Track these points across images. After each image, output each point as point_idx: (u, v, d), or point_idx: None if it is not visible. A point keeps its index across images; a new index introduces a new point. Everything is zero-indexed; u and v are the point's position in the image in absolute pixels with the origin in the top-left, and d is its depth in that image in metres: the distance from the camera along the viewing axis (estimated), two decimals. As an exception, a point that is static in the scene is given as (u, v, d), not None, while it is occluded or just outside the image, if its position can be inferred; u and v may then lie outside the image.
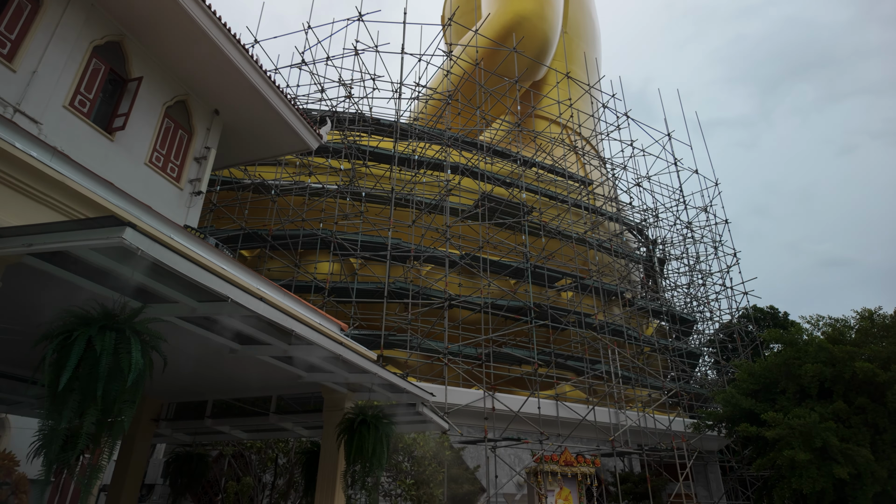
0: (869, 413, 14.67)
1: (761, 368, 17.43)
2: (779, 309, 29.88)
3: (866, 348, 15.43)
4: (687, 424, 19.46)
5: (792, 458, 14.21)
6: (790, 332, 17.70)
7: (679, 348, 22.65)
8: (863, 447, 14.08)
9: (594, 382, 19.37)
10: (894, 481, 14.04)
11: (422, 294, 17.48)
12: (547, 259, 20.99)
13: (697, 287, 25.02)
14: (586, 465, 14.82)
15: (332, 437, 6.62)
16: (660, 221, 25.94)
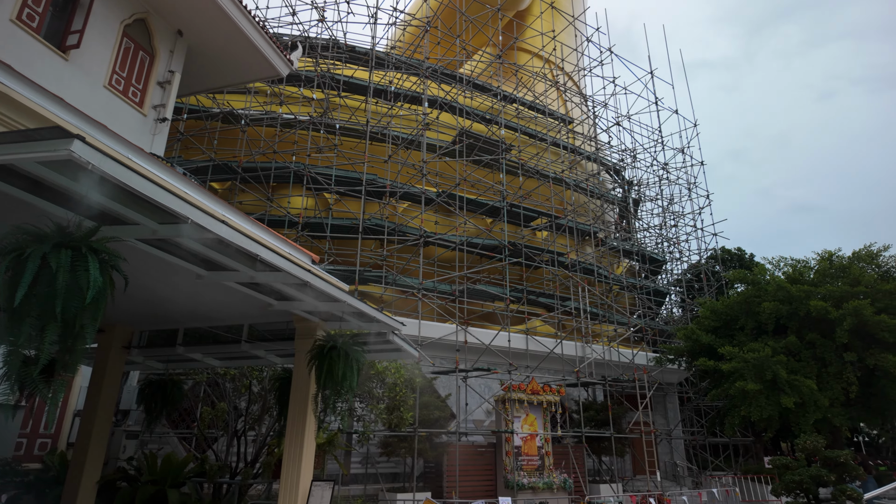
0: (818, 347, 15.60)
1: (723, 306, 18.22)
2: (746, 251, 30.87)
3: (822, 288, 16.18)
4: (649, 358, 20.43)
5: (744, 388, 15.17)
6: (753, 273, 18.40)
7: (647, 287, 23.38)
8: (809, 379, 15.08)
9: (563, 318, 20.00)
10: (834, 409, 15.17)
11: (397, 231, 17.46)
12: (523, 198, 21.03)
13: (669, 228, 25.53)
14: (552, 393, 15.59)
15: (304, 363, 6.76)
16: (637, 162, 26.02)
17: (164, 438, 13.71)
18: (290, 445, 6.79)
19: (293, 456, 6.73)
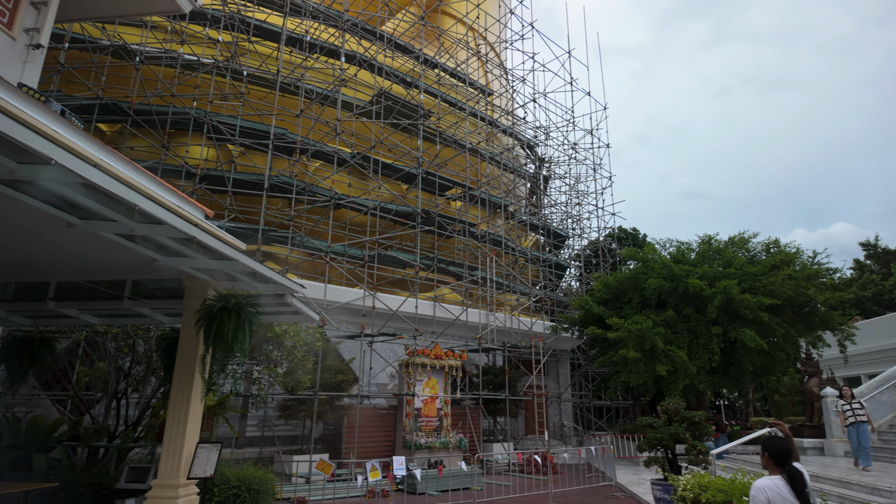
0: (692, 321, 17.34)
1: (615, 281, 19.63)
2: (640, 231, 33.31)
3: (700, 268, 17.90)
4: (546, 327, 21.65)
5: (626, 356, 16.58)
6: (644, 252, 19.93)
7: (550, 260, 24.59)
8: (681, 349, 16.78)
9: (470, 287, 20.58)
10: (700, 376, 17.03)
11: (307, 191, 16.87)
12: (440, 167, 21.08)
13: (574, 206, 26.85)
14: (454, 358, 16.12)
15: (192, 322, 6.44)
16: (549, 140, 26.90)
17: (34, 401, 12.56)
18: (174, 407, 6.50)
19: (178, 418, 6.46)
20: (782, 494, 3.11)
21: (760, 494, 3.20)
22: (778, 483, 3.18)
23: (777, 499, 3.11)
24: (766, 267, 17.47)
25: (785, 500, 3.10)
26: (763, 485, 3.23)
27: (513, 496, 11.98)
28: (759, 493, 3.21)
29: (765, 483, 3.24)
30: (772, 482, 3.22)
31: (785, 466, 3.23)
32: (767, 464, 3.38)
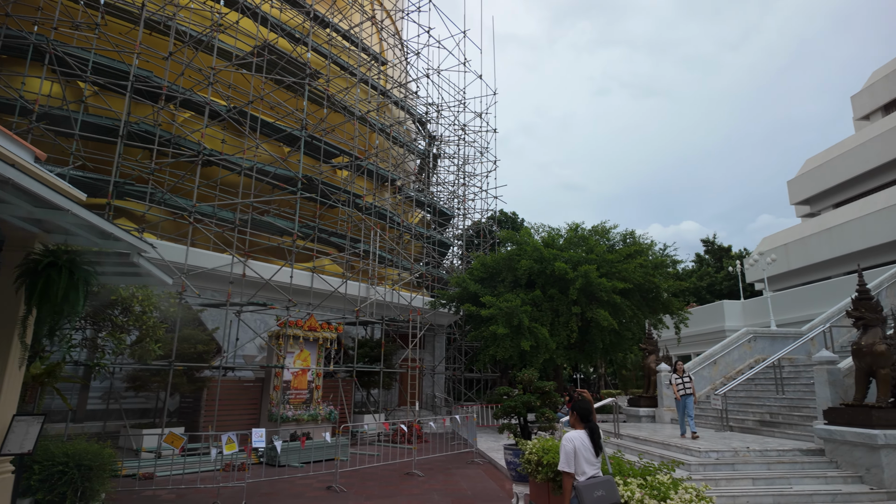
0: (555, 301, 18.70)
1: (492, 261, 20.50)
2: (518, 215, 35.07)
3: (566, 253, 19.29)
4: (425, 302, 22.09)
5: (496, 332, 17.48)
6: (520, 235, 21.01)
7: (434, 238, 25.00)
8: (544, 326, 18.06)
9: (352, 259, 20.27)
10: (559, 351, 18.50)
11: (173, 143, 15.31)
12: (326, 132, 20.28)
13: (460, 186, 27.45)
14: (329, 331, 15.84)
15: (11, 278, 5.57)
16: (441, 118, 27.07)
17: None
18: (-16, 376, 5.62)
19: (-11, 388, 5.60)
20: (584, 443, 4.07)
21: (569, 443, 4.11)
22: (581, 435, 4.12)
23: (580, 446, 4.04)
24: (622, 255, 19.31)
25: (585, 447, 4.05)
26: (571, 436, 4.14)
27: (377, 464, 12.18)
28: (568, 441, 4.12)
29: (572, 434, 4.16)
30: (577, 434, 4.15)
31: (587, 423, 4.18)
32: (575, 421, 4.29)
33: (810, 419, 10.68)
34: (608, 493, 3.89)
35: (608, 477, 4.03)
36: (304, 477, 10.62)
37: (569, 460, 4.00)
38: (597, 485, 3.87)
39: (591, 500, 3.79)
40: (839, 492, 8.04)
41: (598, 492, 3.85)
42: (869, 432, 8.35)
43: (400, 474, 10.97)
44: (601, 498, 3.83)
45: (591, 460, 4.01)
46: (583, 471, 3.96)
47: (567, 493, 3.97)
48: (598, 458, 4.06)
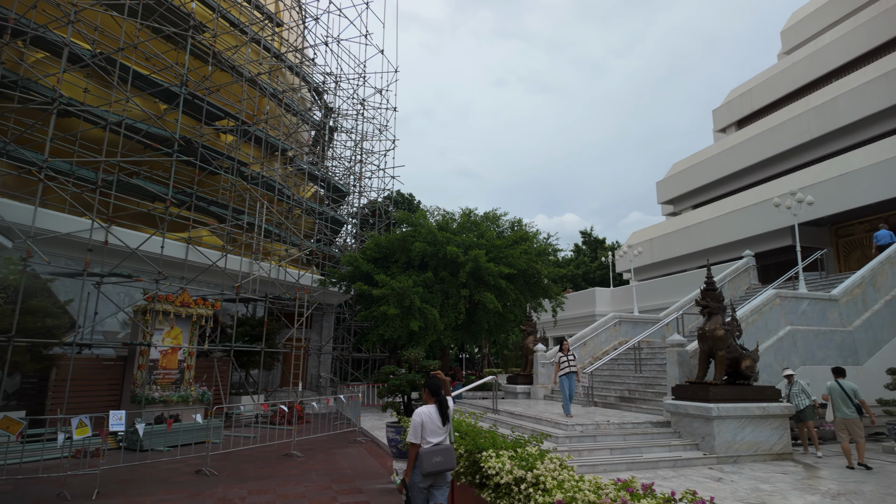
0: (446, 283, 19.10)
1: (386, 241, 20.37)
2: (415, 197, 35.15)
3: (459, 237, 19.73)
4: (315, 280, 21.43)
5: (386, 312, 17.47)
6: (415, 217, 21.07)
7: (327, 214, 24.24)
8: (434, 308, 18.39)
9: (234, 231, 19.03)
10: (447, 332, 18.97)
11: (21, 86, 13.17)
12: (210, 92, 18.67)
13: (357, 163, 26.81)
14: (205, 307, 14.77)
15: None
16: (339, 90, 26.14)
17: None
18: None
19: None
20: (432, 416, 4.50)
21: (417, 417, 4.50)
22: (431, 409, 4.56)
23: (427, 419, 4.47)
24: (509, 242, 20.17)
25: (433, 419, 4.48)
26: (421, 410, 4.56)
27: (254, 446, 11.68)
28: (417, 416, 4.51)
29: (422, 409, 4.58)
30: (427, 408, 4.58)
31: (437, 397, 4.61)
32: (427, 396, 4.70)
33: (662, 395, 12.01)
34: (445, 459, 4.39)
35: (448, 445, 4.50)
36: (171, 461, 9.88)
37: (416, 432, 4.44)
38: (436, 452, 4.36)
39: (429, 465, 4.31)
40: (679, 458, 9.16)
41: (436, 458, 4.34)
42: (706, 405, 9.57)
43: (278, 456, 10.62)
44: (439, 463, 4.34)
45: (437, 431, 4.48)
46: (428, 440, 4.42)
47: (411, 461, 4.40)
48: (445, 428, 4.54)
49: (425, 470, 4.32)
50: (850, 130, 21.43)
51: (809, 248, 20.53)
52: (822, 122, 22.15)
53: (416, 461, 4.39)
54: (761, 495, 6.92)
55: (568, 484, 3.58)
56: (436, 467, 4.33)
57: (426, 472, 4.33)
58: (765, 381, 11.39)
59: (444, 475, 4.52)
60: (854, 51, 23.22)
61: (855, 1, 25.28)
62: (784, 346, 12.21)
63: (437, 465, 4.34)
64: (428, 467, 4.31)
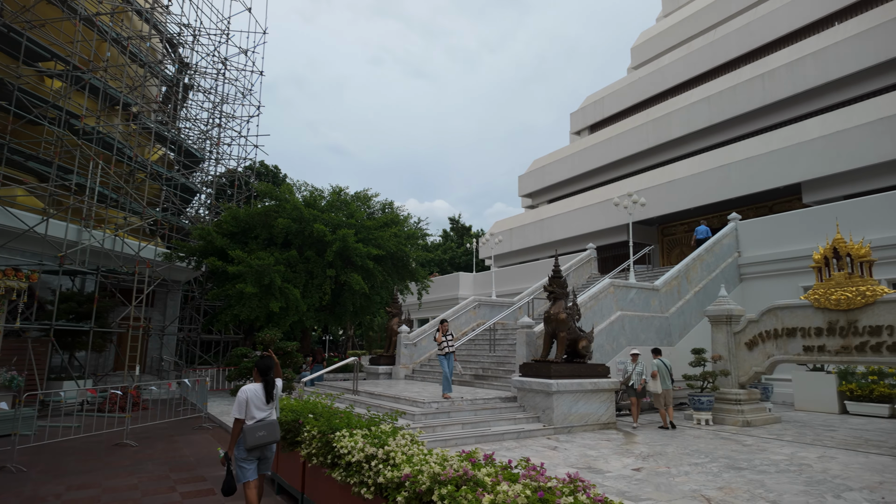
0: (311, 263, 18.48)
1: (245, 215, 19.07)
2: (281, 170, 33.34)
3: (327, 215, 19.15)
4: (159, 253, 19.40)
5: (242, 290, 16.42)
6: (280, 191, 19.98)
7: (177, 181, 21.97)
8: (297, 288, 17.71)
9: (59, 193, 16.44)
10: (309, 313, 18.40)
11: None
12: (33, 26, 15.77)
13: (215, 127, 24.61)
14: (17, 279, 12.60)
15: None
16: (197, 45, 23.67)
17: None
18: None
19: None
20: (257, 394, 4.81)
21: (243, 394, 4.77)
22: (257, 387, 4.86)
23: (252, 396, 4.77)
24: (380, 223, 20.08)
25: (258, 397, 4.80)
26: (247, 388, 4.85)
27: (78, 437, 10.33)
28: (242, 393, 4.78)
29: (248, 387, 4.86)
30: (254, 387, 4.87)
31: (265, 377, 4.89)
32: (256, 375, 4.97)
33: (511, 373, 12.94)
34: (269, 433, 4.73)
35: (272, 420, 4.83)
36: (-39, 460, 8.33)
37: (240, 408, 4.73)
38: (260, 427, 4.70)
39: (253, 439, 4.62)
40: (523, 430, 9.98)
41: (260, 433, 4.67)
42: (547, 381, 10.53)
43: (108, 446, 9.51)
44: (262, 437, 4.67)
45: (262, 408, 4.79)
46: (252, 416, 4.72)
47: (235, 436, 4.68)
48: (270, 406, 4.87)
49: (249, 444, 4.62)
50: (679, 143, 24.75)
51: (641, 244, 23.44)
52: (657, 133, 25.27)
53: (241, 436, 4.68)
54: (588, 460, 7.83)
55: (417, 458, 3.70)
56: (259, 441, 4.66)
57: (250, 447, 4.63)
58: (597, 359, 12.83)
59: (269, 448, 4.87)
60: (687, 73, 26.77)
61: (690, 30, 29.09)
62: (614, 328, 13.85)
63: (261, 438, 4.67)
64: (252, 441, 4.62)
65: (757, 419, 11.10)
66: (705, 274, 16.39)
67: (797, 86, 20.25)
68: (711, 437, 9.65)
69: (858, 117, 17.09)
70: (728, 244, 17.09)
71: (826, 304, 10.16)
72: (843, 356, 9.94)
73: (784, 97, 20.62)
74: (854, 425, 10.94)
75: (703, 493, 5.93)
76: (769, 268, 16.19)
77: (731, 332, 11.84)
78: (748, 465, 7.37)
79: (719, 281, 16.12)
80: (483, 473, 3.15)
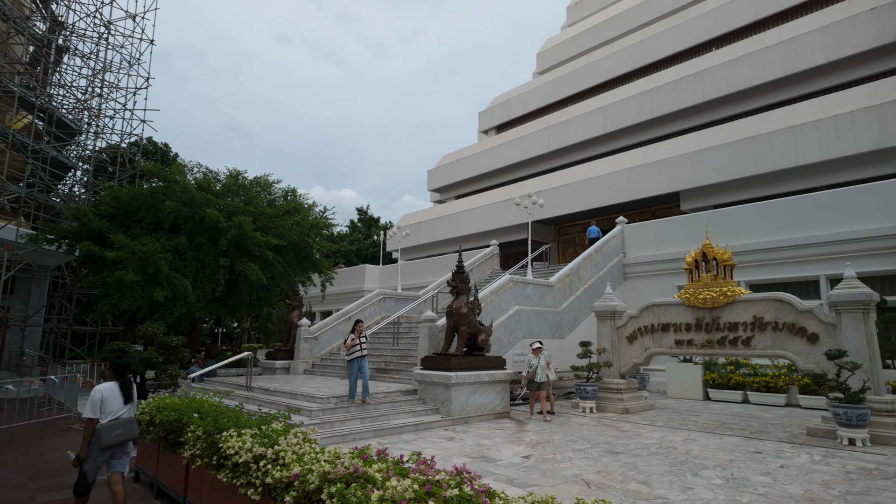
0: (203, 250, 17.31)
1: (129, 196, 17.43)
2: (172, 149, 30.82)
3: (222, 200, 18.02)
4: (23, 234, 17.20)
5: (123, 278, 15.02)
6: (170, 171, 18.46)
7: (46, 153, 19.53)
8: (186, 277, 16.53)
9: None
10: (199, 304, 17.25)
11: None
12: None
13: (95, 96, 22.17)
14: None
15: None
16: (76, 3, 21.13)
17: None
18: None
19: None
20: (113, 392, 4.84)
21: (97, 393, 4.76)
22: (112, 386, 4.89)
23: (108, 395, 4.78)
24: (281, 211, 19.26)
25: (114, 395, 4.83)
26: (101, 387, 4.84)
27: None
28: (97, 392, 4.77)
29: (103, 385, 4.86)
30: (108, 385, 4.89)
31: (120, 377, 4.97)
32: (110, 374, 5.00)
33: (413, 366, 13.05)
34: (126, 430, 4.78)
35: (129, 418, 4.86)
36: None
37: (94, 408, 4.69)
38: (116, 425, 4.73)
39: (109, 438, 4.65)
40: (421, 422, 10.12)
41: (116, 431, 4.69)
42: (447, 374, 10.76)
43: (-55, 455, 8.29)
44: (119, 435, 4.73)
45: (118, 407, 4.84)
46: (108, 415, 4.76)
47: (87, 436, 4.65)
48: (128, 405, 4.93)
49: (105, 443, 4.63)
50: (577, 149, 26.27)
51: (539, 242, 24.63)
52: (558, 138, 26.63)
53: (94, 435, 4.65)
54: (482, 449, 8.12)
55: (308, 457, 3.62)
56: (116, 439, 4.69)
57: (106, 446, 4.65)
58: (495, 352, 13.33)
59: (125, 445, 4.90)
60: (586, 83, 28.44)
61: (591, 41, 30.90)
62: (512, 322, 14.46)
63: (118, 437, 4.71)
64: (108, 440, 4.64)
65: (635, 406, 12.15)
66: (594, 272, 17.59)
67: (680, 102, 22.29)
68: (594, 425, 10.42)
69: (728, 136, 19.19)
70: (615, 245, 18.47)
71: (695, 303, 11.33)
72: (707, 349, 11.16)
73: (669, 112, 22.61)
74: (714, 410, 12.35)
75: (583, 478, 6.39)
76: (650, 268, 17.73)
77: (615, 326, 12.83)
78: (624, 449, 8.06)
79: (606, 279, 17.38)
80: (374, 470, 3.16)
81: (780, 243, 14.83)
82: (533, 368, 11.66)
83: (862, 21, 18.23)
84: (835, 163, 16.94)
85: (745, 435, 9.21)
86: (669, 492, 5.82)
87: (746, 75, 20.54)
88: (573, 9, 34.68)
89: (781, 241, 14.84)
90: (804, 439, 8.83)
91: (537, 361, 11.64)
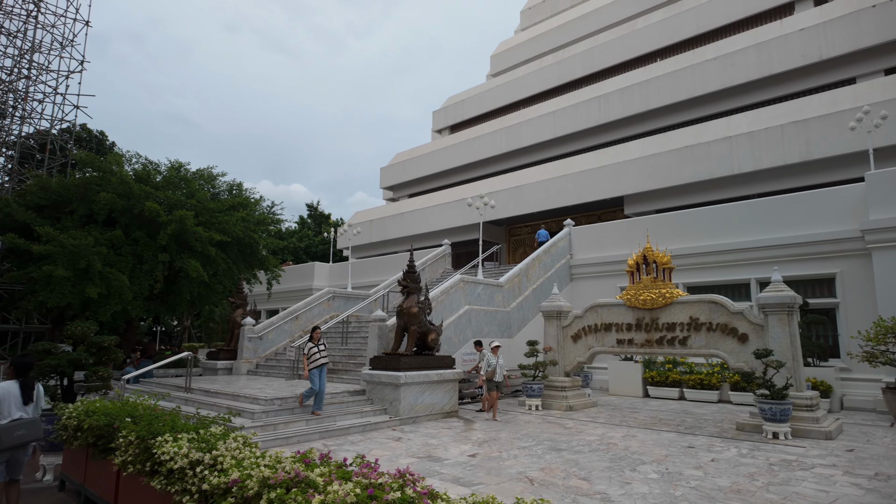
0: (140, 245, 16.48)
1: (59, 186, 16.39)
2: (109, 137, 29.17)
3: (162, 193, 17.21)
4: (-67, 225, 15.83)
5: (50, 273, 14.10)
6: (106, 161, 17.45)
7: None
8: (122, 273, 15.69)
9: None
10: (136, 302, 16.39)
11: None
12: None
13: (22, 78, 20.66)
14: None
15: None
16: (1, -23, 19.62)
17: None
18: None
19: None
20: (14, 392, 4.82)
21: None
22: (11, 385, 4.87)
23: (8, 395, 4.76)
24: (225, 206, 18.59)
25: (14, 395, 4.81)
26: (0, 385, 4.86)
27: None
28: None
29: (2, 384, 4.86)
30: (7, 384, 4.87)
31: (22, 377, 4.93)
32: (10, 372, 4.97)
33: (362, 366, 12.91)
34: (30, 431, 4.74)
35: (33, 418, 4.84)
36: None
37: None
38: (19, 426, 4.68)
39: (10, 439, 4.60)
40: (369, 423, 10.03)
41: (18, 432, 4.64)
42: (396, 374, 10.71)
43: None
44: (22, 436, 4.70)
45: (20, 407, 4.83)
46: (8, 415, 4.72)
47: None
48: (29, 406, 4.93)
49: (6, 444, 4.56)
50: (528, 151, 26.74)
51: (490, 243, 24.92)
52: (509, 141, 27.03)
53: None
54: (429, 449, 8.14)
55: (247, 462, 3.52)
56: (18, 440, 4.64)
57: (6, 447, 4.58)
58: (445, 351, 13.39)
59: (22, 449, 4.85)
60: (538, 87, 29.00)
61: (543, 47, 31.52)
62: (462, 322, 14.57)
63: (20, 437, 4.66)
64: (9, 441, 4.57)
65: (578, 404, 12.50)
66: (542, 273, 17.98)
67: (626, 110, 23.11)
68: (539, 422, 10.64)
69: (669, 144, 20.06)
70: (562, 247, 18.95)
71: (635, 304, 11.78)
72: (646, 348, 11.63)
73: (616, 118, 23.40)
74: (653, 407, 12.88)
75: (527, 475, 6.52)
76: (595, 269, 18.29)
77: (561, 326, 13.16)
78: (567, 446, 8.28)
79: (554, 280, 17.80)
80: (316, 474, 3.11)
81: (716, 248, 15.64)
82: (492, 367, 11.47)
83: (791, 41, 19.50)
84: (766, 172, 18.03)
85: (681, 430, 9.67)
86: (609, 487, 6.02)
87: (688, 86, 21.53)
88: (527, 13, 35.27)
89: (717, 245, 15.66)
90: (734, 434, 9.36)
91: (496, 360, 11.48)
